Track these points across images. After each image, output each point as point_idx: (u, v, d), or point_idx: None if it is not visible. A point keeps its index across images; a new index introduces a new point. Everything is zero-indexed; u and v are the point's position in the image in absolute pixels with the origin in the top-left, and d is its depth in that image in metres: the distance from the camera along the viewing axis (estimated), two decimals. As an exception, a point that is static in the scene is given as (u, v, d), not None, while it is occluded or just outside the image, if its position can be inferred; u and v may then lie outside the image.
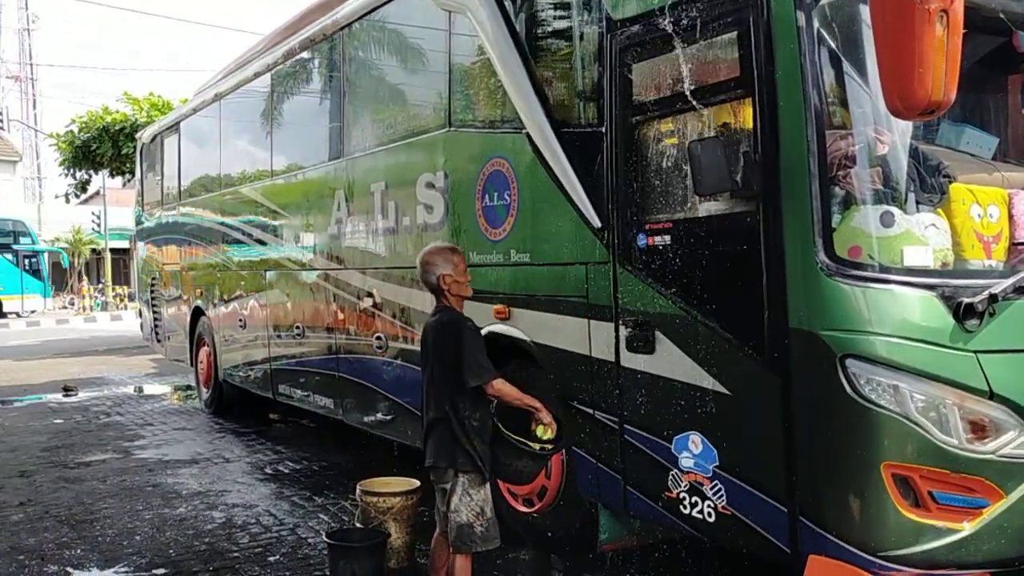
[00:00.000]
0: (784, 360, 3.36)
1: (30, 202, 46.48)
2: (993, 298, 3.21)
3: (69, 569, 4.80)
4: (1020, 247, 3.53)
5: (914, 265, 3.27)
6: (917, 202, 3.40)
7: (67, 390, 11.82)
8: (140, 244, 12.65)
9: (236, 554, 4.98)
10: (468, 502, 3.73)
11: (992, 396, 3.20)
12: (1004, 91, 4.23)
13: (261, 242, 8.27)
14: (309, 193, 7.38)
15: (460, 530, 3.72)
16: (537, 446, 3.84)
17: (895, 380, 3.16)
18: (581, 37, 4.49)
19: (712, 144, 3.53)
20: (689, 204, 3.82)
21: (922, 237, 3.33)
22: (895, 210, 3.30)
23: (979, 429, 3.20)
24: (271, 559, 4.88)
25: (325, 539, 4.57)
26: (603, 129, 4.16)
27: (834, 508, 3.26)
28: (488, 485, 3.79)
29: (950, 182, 3.51)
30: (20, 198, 44.09)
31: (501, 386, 3.78)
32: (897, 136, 3.40)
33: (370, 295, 6.28)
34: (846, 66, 3.40)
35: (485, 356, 3.78)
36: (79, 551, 5.10)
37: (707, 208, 3.70)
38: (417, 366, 5.67)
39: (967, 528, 3.18)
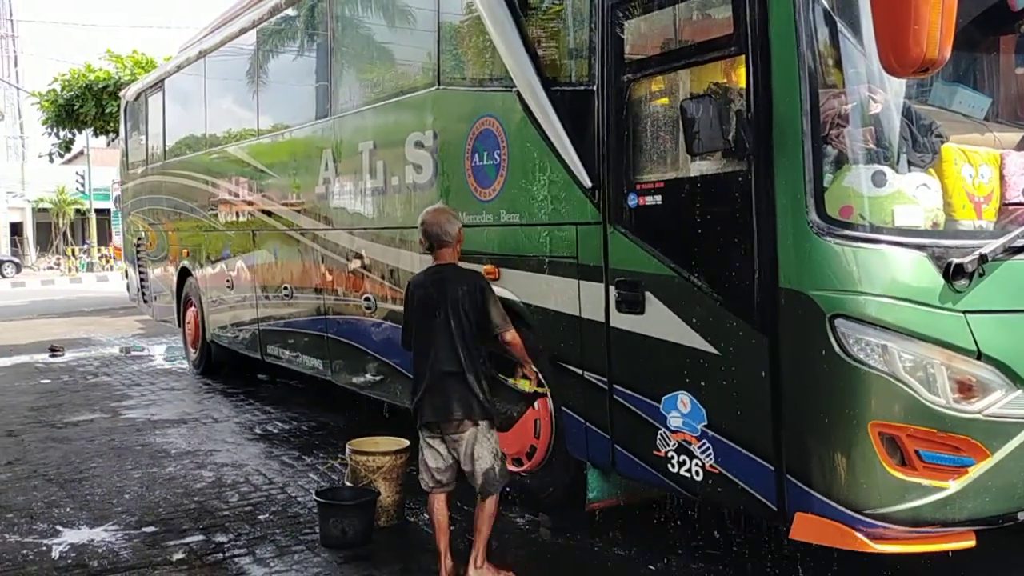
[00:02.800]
0: (773, 320, 3.36)
1: (13, 161, 46.00)
2: (983, 259, 3.21)
3: (59, 527, 4.81)
4: (1010, 208, 3.52)
5: (905, 225, 3.27)
6: (909, 162, 3.38)
7: (54, 350, 11.77)
8: (125, 204, 12.53)
9: (226, 512, 5.00)
10: (488, 446, 3.88)
11: (980, 356, 3.21)
12: (997, 51, 4.20)
13: (248, 202, 8.20)
14: (296, 152, 7.30)
15: (486, 475, 3.86)
16: (529, 387, 4.03)
17: (884, 340, 3.16)
18: (573, -7, 4.42)
19: (704, 103, 3.49)
20: (680, 163, 3.80)
21: (913, 197, 3.31)
22: (887, 170, 3.28)
23: (966, 389, 3.22)
24: (261, 517, 4.90)
25: (315, 498, 4.60)
26: (594, 87, 4.11)
27: (821, 466, 3.28)
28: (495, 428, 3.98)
29: (942, 142, 3.48)
30: (3, 157, 43.60)
31: (515, 334, 3.97)
32: (890, 95, 3.38)
33: (358, 256, 6.25)
34: (840, 24, 3.36)
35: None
36: (68, 509, 5.11)
37: (699, 167, 3.67)
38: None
39: (952, 486, 3.21)
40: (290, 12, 7.48)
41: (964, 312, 3.22)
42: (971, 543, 3.29)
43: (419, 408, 3.92)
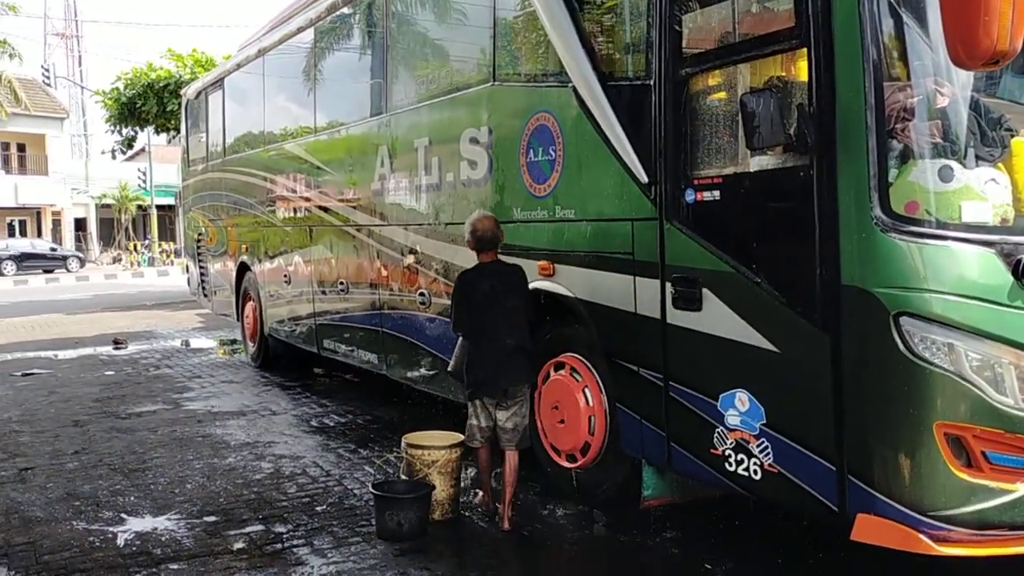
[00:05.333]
0: (835, 317, 3.30)
1: (77, 159, 47.28)
2: (1055, 256, 3.12)
3: (123, 515, 4.94)
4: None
5: (973, 221, 3.18)
6: (977, 156, 3.30)
7: (117, 343, 12.09)
8: (186, 200, 12.79)
9: (284, 503, 5.09)
10: (528, 406, 4.70)
11: (1051, 356, 3.12)
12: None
13: (305, 198, 8.31)
14: (352, 149, 7.39)
15: (525, 430, 4.67)
16: None
17: (950, 338, 3.10)
18: (629, -13, 4.39)
19: (765, 97, 3.44)
20: (740, 158, 3.75)
21: (981, 193, 3.23)
22: (954, 164, 3.21)
23: (1036, 389, 3.14)
24: (318, 509, 4.97)
25: (371, 490, 4.65)
26: (651, 82, 4.09)
27: (884, 467, 3.22)
28: None
29: (1012, 136, 3.39)
30: (68, 155, 44.81)
31: None
32: (958, 88, 3.30)
33: (413, 251, 6.30)
34: (906, 15, 3.28)
35: None
36: (132, 498, 5.24)
37: (758, 162, 3.62)
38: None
39: (1021, 489, 3.14)
40: (347, 10, 7.56)
41: (1034, 311, 3.13)
42: (1040, 548, 3.21)
43: (489, 378, 4.56)
